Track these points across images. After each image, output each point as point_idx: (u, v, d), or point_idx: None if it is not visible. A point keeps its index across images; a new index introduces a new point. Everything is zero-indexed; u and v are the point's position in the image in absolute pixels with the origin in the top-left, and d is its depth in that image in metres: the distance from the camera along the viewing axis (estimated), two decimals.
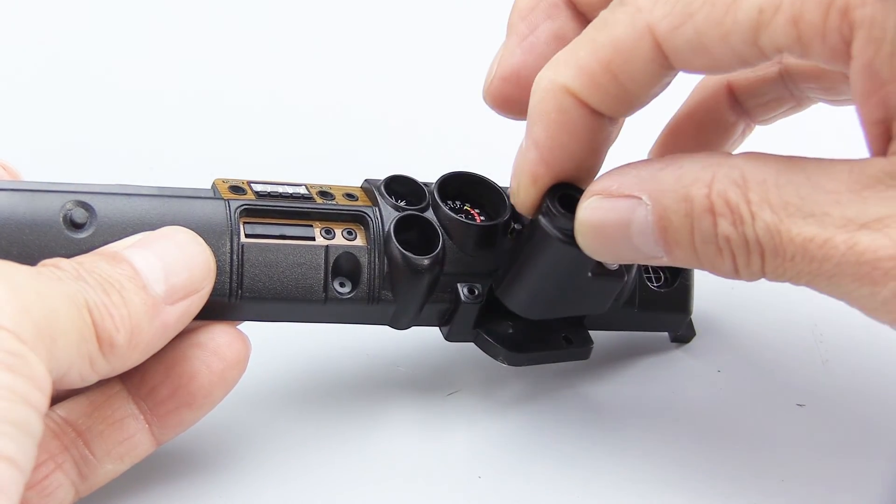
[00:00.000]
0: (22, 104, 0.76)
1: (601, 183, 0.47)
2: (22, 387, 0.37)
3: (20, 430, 0.36)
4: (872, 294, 0.42)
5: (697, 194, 0.44)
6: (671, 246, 0.45)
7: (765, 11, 0.42)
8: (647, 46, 0.45)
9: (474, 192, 0.53)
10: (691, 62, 0.45)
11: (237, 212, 0.48)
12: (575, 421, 0.54)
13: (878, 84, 0.42)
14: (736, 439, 0.53)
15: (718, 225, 0.44)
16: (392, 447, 0.52)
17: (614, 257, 0.48)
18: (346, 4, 0.89)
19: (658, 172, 0.46)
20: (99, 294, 0.42)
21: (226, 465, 0.50)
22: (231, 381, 0.47)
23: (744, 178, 0.44)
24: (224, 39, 0.85)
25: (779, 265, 0.43)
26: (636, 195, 0.46)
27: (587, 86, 0.46)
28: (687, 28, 0.44)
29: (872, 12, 0.41)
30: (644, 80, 0.46)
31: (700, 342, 0.59)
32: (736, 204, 0.43)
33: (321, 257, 0.49)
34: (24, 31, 0.84)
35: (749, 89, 0.57)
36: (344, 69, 0.82)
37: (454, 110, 0.77)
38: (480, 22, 0.85)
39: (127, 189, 0.47)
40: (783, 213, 0.43)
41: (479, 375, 0.56)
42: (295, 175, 0.52)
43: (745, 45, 0.43)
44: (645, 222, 0.45)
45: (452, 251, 0.51)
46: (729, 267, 0.45)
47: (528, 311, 0.51)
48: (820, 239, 0.42)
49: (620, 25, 0.45)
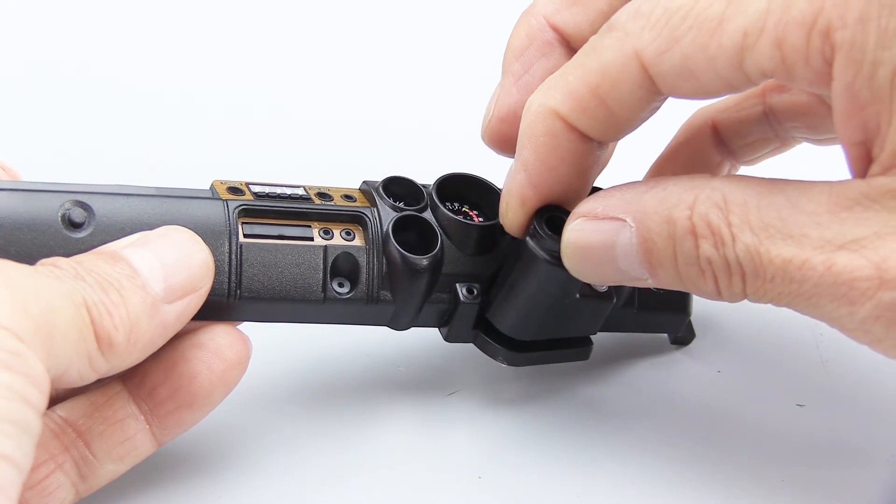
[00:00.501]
0: (21, 105, 0.76)
1: (587, 205, 0.48)
2: (20, 385, 0.37)
3: (18, 429, 0.36)
4: (850, 314, 0.43)
5: (680, 216, 0.45)
6: (655, 268, 0.46)
7: (749, 35, 0.43)
8: (635, 71, 0.45)
9: (472, 194, 0.53)
10: (678, 87, 0.45)
11: (236, 212, 0.48)
12: (574, 421, 0.54)
13: (857, 106, 0.42)
14: (736, 439, 0.53)
15: (700, 247, 0.45)
16: (392, 447, 0.52)
17: (600, 279, 0.48)
18: (344, 8, 0.89)
19: (642, 195, 0.46)
20: (98, 293, 0.42)
21: (225, 465, 0.50)
22: (232, 381, 0.48)
23: (725, 200, 0.44)
24: (223, 43, 0.85)
25: (759, 286, 0.44)
26: (620, 217, 0.46)
27: (576, 110, 0.47)
28: (673, 53, 0.44)
29: (853, 34, 0.41)
30: (632, 105, 0.46)
31: (700, 343, 0.59)
32: (717, 226, 0.44)
33: (319, 257, 0.49)
34: (24, 32, 0.84)
35: (734, 129, 0.57)
36: (342, 72, 0.83)
37: (452, 113, 0.77)
38: (478, 25, 0.86)
39: (125, 189, 0.47)
40: (763, 234, 0.43)
41: (479, 375, 0.56)
42: (293, 178, 0.52)
43: (730, 69, 0.43)
44: (629, 244, 0.46)
45: (451, 251, 0.51)
46: (711, 288, 0.45)
47: (518, 332, 0.52)
48: (798, 260, 0.43)
49: (609, 51, 0.46)
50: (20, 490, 0.36)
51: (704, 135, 0.57)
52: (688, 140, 0.58)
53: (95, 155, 0.71)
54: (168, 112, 0.77)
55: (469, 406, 0.55)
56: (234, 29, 0.87)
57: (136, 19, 0.86)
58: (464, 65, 0.83)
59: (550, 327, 0.52)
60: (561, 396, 0.55)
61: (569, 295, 0.50)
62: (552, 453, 0.53)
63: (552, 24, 0.52)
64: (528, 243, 0.49)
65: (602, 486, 0.51)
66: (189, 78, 0.80)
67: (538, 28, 0.52)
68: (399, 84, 0.82)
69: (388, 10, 0.89)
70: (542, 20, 0.52)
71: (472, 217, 0.53)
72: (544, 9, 0.52)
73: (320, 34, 0.87)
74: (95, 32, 0.85)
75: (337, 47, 0.85)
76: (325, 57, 0.84)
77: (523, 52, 0.52)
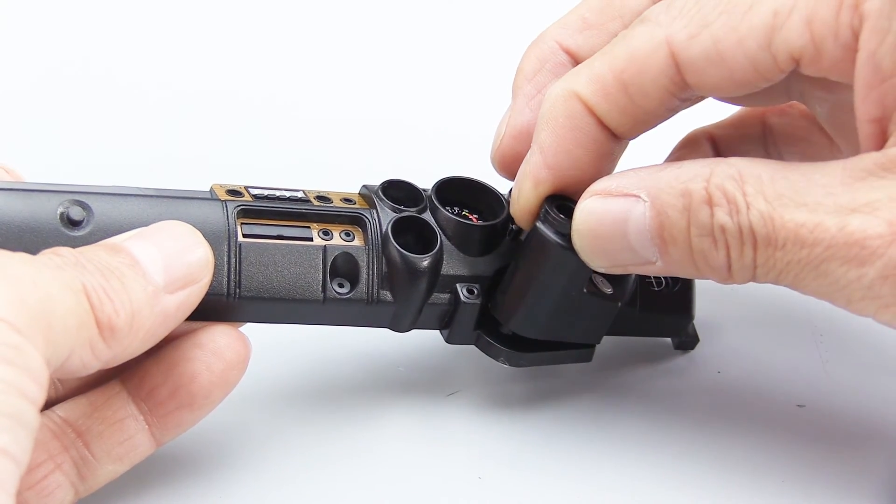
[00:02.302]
0: (23, 107, 0.77)
1: (601, 184, 0.48)
2: (18, 379, 0.37)
3: (16, 423, 0.36)
4: (859, 278, 0.43)
5: (696, 188, 0.45)
6: (666, 244, 0.46)
7: (779, 14, 0.44)
8: (662, 58, 0.46)
9: (471, 197, 0.54)
10: (706, 75, 0.46)
11: (234, 212, 0.48)
12: (574, 421, 0.54)
13: (879, 77, 0.43)
14: (736, 440, 0.53)
15: (715, 215, 0.45)
16: (392, 447, 0.53)
17: (609, 260, 0.48)
18: (344, 11, 0.89)
19: (657, 172, 0.47)
20: (98, 279, 0.42)
21: (224, 465, 0.51)
22: (231, 382, 0.48)
23: (740, 173, 0.45)
24: (226, 45, 0.85)
25: (770, 255, 0.44)
26: (634, 194, 0.46)
27: (597, 94, 0.47)
28: (703, 36, 0.45)
29: (881, 4, 0.42)
30: (654, 95, 0.47)
31: (700, 344, 0.59)
32: (733, 194, 0.44)
33: (319, 257, 0.49)
34: (26, 34, 0.84)
35: (732, 145, 0.57)
36: (344, 76, 0.82)
37: (453, 117, 0.78)
38: (478, 28, 0.86)
39: (124, 190, 0.47)
40: (777, 202, 0.44)
41: (479, 376, 0.56)
42: (294, 180, 0.52)
43: (759, 49, 0.44)
44: (642, 219, 0.46)
45: (451, 252, 0.51)
46: (723, 261, 0.45)
47: (522, 326, 0.51)
48: (811, 223, 0.43)
49: (638, 38, 0.47)
50: (17, 484, 0.36)
51: (703, 147, 0.57)
52: (687, 152, 0.57)
53: (96, 157, 0.71)
54: (168, 117, 0.77)
55: (469, 406, 0.55)
56: (236, 31, 0.87)
57: (137, 21, 0.86)
58: (464, 69, 0.83)
59: (556, 324, 0.51)
60: (560, 397, 0.55)
61: (576, 286, 0.50)
62: (552, 453, 0.53)
63: (565, 48, 0.52)
64: (539, 227, 0.49)
65: (602, 485, 0.51)
66: (190, 80, 0.80)
67: (550, 51, 0.52)
68: (400, 88, 0.82)
69: (389, 13, 0.89)
70: (555, 44, 0.53)
71: (471, 220, 0.53)
72: (556, 34, 0.53)
73: (322, 37, 0.86)
74: (97, 34, 0.84)
75: (339, 50, 0.85)
76: (327, 60, 0.84)
77: (535, 75, 0.52)
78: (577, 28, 0.52)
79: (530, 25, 0.56)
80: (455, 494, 0.51)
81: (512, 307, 0.51)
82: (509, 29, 0.80)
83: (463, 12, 0.89)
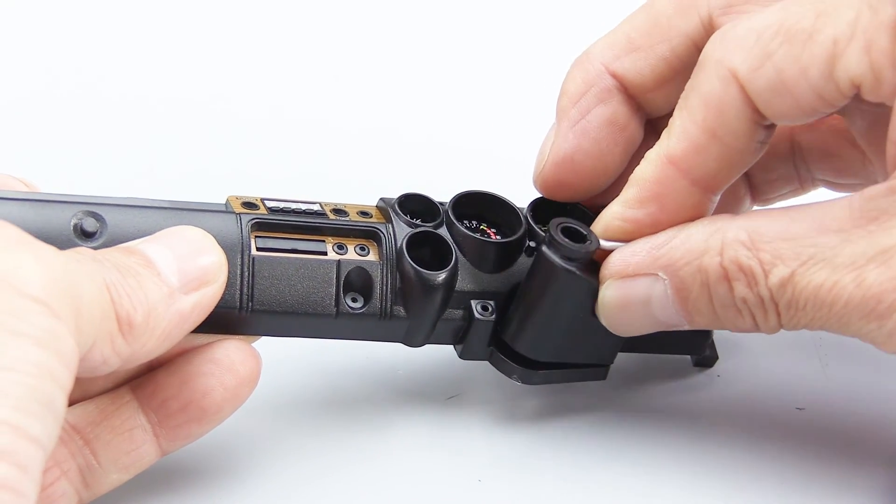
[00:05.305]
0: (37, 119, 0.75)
1: (615, 266, 0.49)
2: (50, 363, 0.36)
3: (46, 409, 0.36)
4: (879, 327, 0.44)
5: (710, 263, 0.46)
6: (692, 315, 0.48)
7: (839, 42, 0.44)
8: (735, 94, 0.46)
9: (489, 211, 0.53)
10: (774, 105, 0.45)
11: (249, 225, 0.48)
12: (574, 423, 0.54)
13: None
14: (736, 443, 0.54)
15: (734, 289, 0.46)
16: (392, 450, 0.53)
17: (638, 330, 0.49)
18: (367, 22, 0.88)
19: (668, 244, 0.47)
20: (116, 275, 0.42)
21: (224, 467, 0.50)
22: (242, 397, 0.48)
23: (752, 239, 0.46)
24: (247, 57, 0.83)
25: (793, 315, 0.45)
26: (652, 273, 0.47)
27: (689, 152, 0.47)
28: (766, 68, 0.45)
29: None
30: (742, 128, 0.46)
31: None
32: (748, 266, 0.45)
33: (332, 272, 0.49)
34: (39, 45, 0.83)
35: (762, 161, 0.56)
36: (361, 88, 0.81)
37: (473, 130, 0.77)
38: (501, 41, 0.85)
39: (138, 202, 0.47)
40: (794, 263, 0.45)
41: (479, 379, 0.56)
42: (310, 193, 0.52)
43: (822, 78, 0.44)
44: (664, 296, 0.48)
45: (466, 268, 0.51)
46: (749, 324, 0.47)
47: (534, 350, 0.51)
48: (829, 283, 0.44)
49: (705, 83, 0.46)
50: (41, 471, 0.36)
51: None
52: None
53: (111, 169, 0.71)
54: (184, 129, 0.75)
55: (468, 409, 0.55)
56: (258, 42, 0.85)
57: (153, 32, 0.85)
58: (485, 82, 0.81)
59: (567, 348, 0.51)
60: (560, 399, 0.55)
61: (584, 309, 0.50)
62: (552, 456, 0.53)
63: (611, 71, 0.52)
64: (545, 252, 0.49)
65: (602, 487, 0.51)
66: (211, 90, 0.79)
67: (596, 75, 0.52)
68: (418, 101, 0.81)
69: (410, 25, 0.88)
70: (601, 66, 0.52)
71: (489, 234, 0.52)
72: (602, 56, 0.52)
73: (347, 49, 0.85)
74: (112, 45, 0.83)
75: (356, 62, 0.83)
76: (345, 72, 0.82)
77: (580, 98, 0.52)
78: (624, 50, 0.51)
79: (552, 38, 0.55)
80: (455, 497, 0.51)
81: (520, 331, 0.51)
82: (531, 42, 0.80)
83: (485, 25, 0.88)
